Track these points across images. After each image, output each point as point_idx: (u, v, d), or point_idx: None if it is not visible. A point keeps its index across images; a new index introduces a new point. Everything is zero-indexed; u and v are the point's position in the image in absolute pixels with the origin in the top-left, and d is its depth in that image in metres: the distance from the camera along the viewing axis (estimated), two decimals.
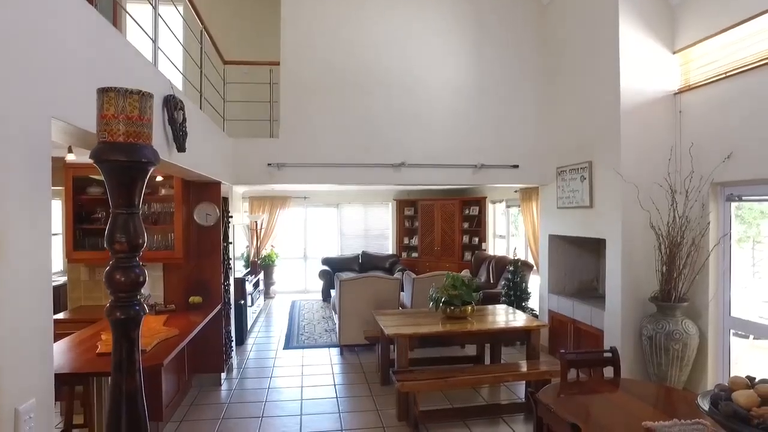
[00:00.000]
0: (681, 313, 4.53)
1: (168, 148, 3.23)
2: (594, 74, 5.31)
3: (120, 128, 1.46)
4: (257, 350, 6.75)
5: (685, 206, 4.57)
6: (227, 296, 5.65)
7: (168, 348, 3.61)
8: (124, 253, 1.55)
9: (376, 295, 6.23)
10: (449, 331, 4.51)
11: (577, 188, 5.54)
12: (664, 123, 4.89)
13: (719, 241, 4.47)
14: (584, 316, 5.53)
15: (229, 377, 5.61)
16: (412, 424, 4.18)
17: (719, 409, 2.00)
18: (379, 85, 6.05)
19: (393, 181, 6.05)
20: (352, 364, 6.12)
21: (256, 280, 8.59)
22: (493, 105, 6.21)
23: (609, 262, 5.06)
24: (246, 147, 5.85)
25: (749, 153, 4.07)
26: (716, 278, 4.54)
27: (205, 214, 5.22)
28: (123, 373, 1.58)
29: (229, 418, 4.53)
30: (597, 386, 3.16)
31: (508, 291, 6.66)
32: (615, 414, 2.82)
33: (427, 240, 10.65)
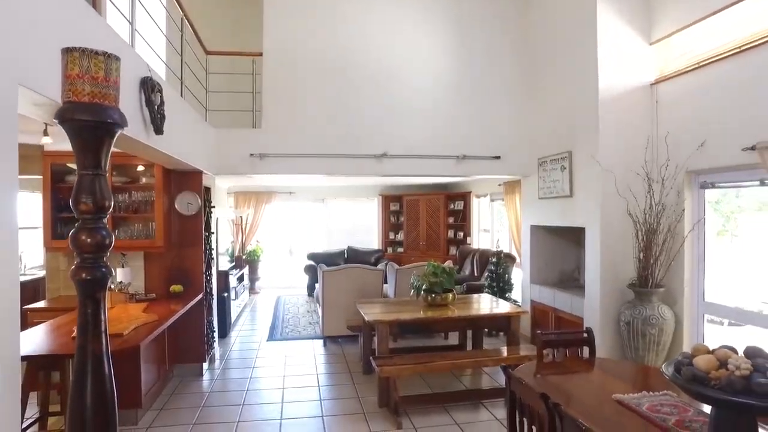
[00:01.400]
0: (657, 299, 4.61)
1: (145, 130, 3.23)
2: (573, 66, 5.38)
3: (85, 89, 1.47)
4: (240, 342, 6.74)
5: (662, 194, 4.65)
6: (209, 286, 5.63)
7: (146, 332, 3.60)
8: (90, 214, 1.55)
9: (360, 286, 6.24)
10: (430, 318, 4.55)
11: (557, 178, 5.60)
12: (641, 113, 4.97)
13: (693, 227, 4.55)
14: (565, 304, 5.60)
15: (211, 368, 5.59)
16: (393, 410, 4.20)
17: (681, 373, 2.05)
18: (361, 76, 6.07)
19: (375, 171, 6.08)
20: (335, 354, 6.13)
21: (240, 275, 8.56)
22: (475, 97, 6.26)
23: (588, 250, 5.13)
24: (228, 137, 5.84)
25: (721, 141, 4.15)
26: (691, 264, 4.63)
27: (186, 203, 5.21)
28: (88, 335, 1.58)
29: (210, 406, 4.52)
30: (573, 365, 3.21)
31: (491, 282, 6.72)
32: (588, 389, 2.88)
33: (413, 235, 10.69)
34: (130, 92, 2.95)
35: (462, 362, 4.34)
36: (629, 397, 2.54)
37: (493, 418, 4.21)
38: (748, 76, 3.93)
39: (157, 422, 4.16)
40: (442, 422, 4.14)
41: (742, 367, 1.91)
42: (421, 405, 4.40)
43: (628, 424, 2.27)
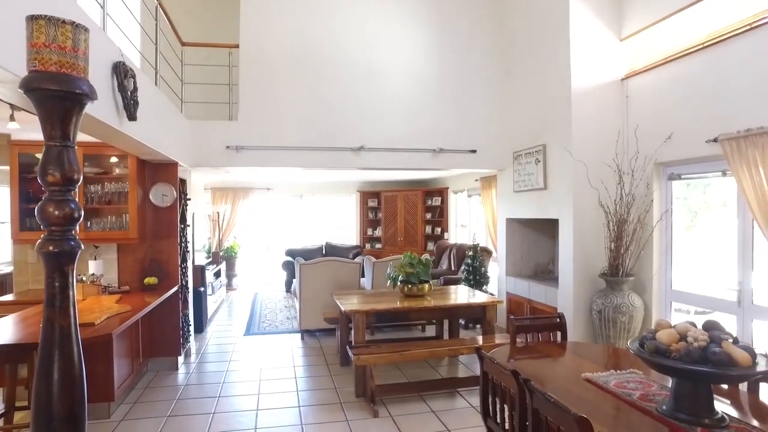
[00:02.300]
0: (628, 288, 4.73)
1: (118, 116, 3.19)
2: (548, 61, 5.48)
3: (52, 58, 1.45)
4: (217, 337, 6.68)
5: (632, 185, 4.77)
6: (185, 279, 5.57)
7: (119, 322, 3.55)
8: (58, 185, 1.53)
9: (337, 280, 6.25)
10: (406, 308, 4.58)
11: (532, 171, 5.70)
12: (612, 107, 5.09)
13: (661, 217, 4.69)
14: (539, 295, 5.70)
15: (186, 362, 5.53)
16: (369, 399, 4.23)
17: (645, 347, 2.12)
18: (338, 69, 6.08)
19: (353, 164, 6.09)
20: (313, 347, 6.12)
21: (217, 270, 8.47)
22: (452, 91, 6.33)
23: (562, 241, 5.24)
24: (204, 129, 5.79)
25: (686, 134, 4.29)
26: (659, 254, 4.76)
27: (161, 195, 5.15)
28: (56, 308, 1.56)
29: (185, 399, 4.48)
30: (545, 349, 3.27)
31: (467, 276, 6.79)
32: (560, 370, 2.94)
33: (391, 231, 10.73)
34: (102, 76, 2.92)
35: (438, 350, 4.39)
36: (597, 375, 2.62)
37: (468, 405, 4.27)
38: (711, 71, 4.07)
39: (130, 415, 4.10)
40: (419, 410, 4.18)
41: (699, 339, 1.99)
42: (397, 394, 4.43)
43: (594, 399, 2.33)
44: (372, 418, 4.02)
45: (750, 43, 3.76)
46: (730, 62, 3.92)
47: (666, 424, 2.03)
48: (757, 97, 3.68)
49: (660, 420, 2.07)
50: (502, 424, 2.52)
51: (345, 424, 3.93)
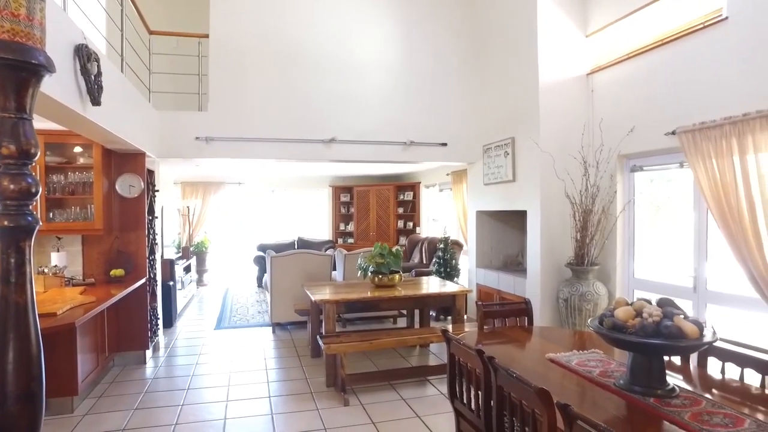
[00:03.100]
0: (593, 276, 4.86)
1: (81, 100, 3.12)
2: (516, 56, 5.59)
3: (4, 25, 1.41)
4: (186, 331, 6.58)
5: (596, 176, 4.91)
6: (153, 272, 5.48)
7: (83, 313, 3.47)
8: (13, 158, 1.49)
9: (308, 272, 6.23)
10: (377, 297, 4.61)
11: (501, 164, 5.80)
12: (578, 101, 5.22)
13: (624, 207, 4.83)
14: (508, 286, 5.81)
15: (155, 356, 5.45)
16: (340, 388, 4.24)
17: (603, 324, 2.20)
18: (310, 61, 6.06)
19: (324, 156, 6.08)
20: (284, 340, 6.10)
21: (187, 265, 8.35)
22: (423, 85, 6.38)
23: (530, 231, 5.35)
24: (173, 119, 5.69)
25: (647, 127, 4.44)
26: (622, 243, 4.92)
27: (128, 186, 5.05)
28: (11, 285, 1.51)
29: (153, 392, 4.41)
30: (512, 333, 3.34)
31: (438, 268, 6.86)
32: (526, 352, 3.01)
33: (363, 225, 10.75)
34: (64, 58, 2.85)
35: (407, 338, 4.43)
36: (560, 356, 2.70)
37: (438, 392, 4.32)
38: (669, 67, 4.23)
39: (95, 409, 4.02)
40: (389, 398, 4.22)
41: (653, 314, 2.08)
42: (368, 382, 4.46)
43: (557, 378, 2.40)
44: (342, 407, 4.03)
45: (704, 41, 3.92)
46: (686, 59, 4.07)
47: (623, 397, 2.11)
48: (711, 92, 3.84)
49: (617, 393, 2.15)
50: (468, 404, 2.57)
51: (315, 413, 3.94)
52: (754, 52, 3.54)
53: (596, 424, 1.55)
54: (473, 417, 2.51)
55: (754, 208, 3.50)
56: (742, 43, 3.62)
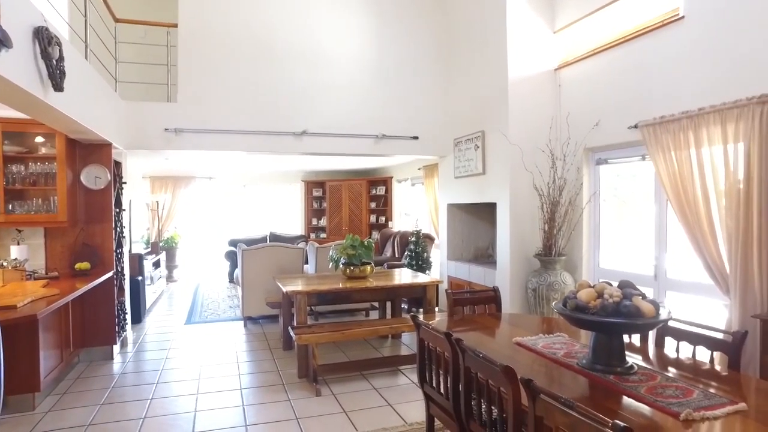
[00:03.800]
0: (560, 267, 4.99)
1: (42, 85, 3.03)
2: (486, 51, 5.67)
3: None
4: (156, 327, 6.47)
5: (563, 169, 5.03)
6: (121, 265, 5.36)
7: (46, 305, 3.39)
8: None
9: (280, 265, 6.20)
10: (348, 288, 4.62)
11: (471, 157, 5.88)
12: (546, 95, 5.34)
13: (590, 199, 4.98)
14: (479, 277, 5.90)
15: (123, 351, 5.35)
16: (312, 379, 4.25)
17: (567, 305, 2.28)
18: (281, 53, 6.01)
19: (296, 149, 6.05)
20: (256, 333, 6.07)
21: (156, 260, 8.19)
22: (395, 78, 6.41)
23: (499, 223, 5.44)
24: (141, 110, 5.57)
25: (611, 121, 4.58)
26: (588, 234, 5.06)
27: (94, 177, 4.93)
28: None
29: (121, 387, 4.33)
30: (481, 320, 3.41)
31: (410, 261, 6.92)
32: (494, 336, 3.08)
33: (335, 220, 10.75)
34: (22, 40, 2.76)
35: (379, 328, 4.47)
36: (527, 339, 2.78)
37: (410, 382, 4.37)
38: (632, 62, 4.38)
39: (58, 406, 3.91)
40: (361, 388, 4.25)
41: (614, 295, 2.17)
42: (339, 373, 4.48)
43: (523, 359, 2.47)
44: (314, 397, 4.05)
45: (663, 39, 4.08)
46: (647, 55, 4.22)
47: (585, 375, 2.19)
48: (670, 87, 3.99)
49: (580, 372, 2.23)
50: (437, 388, 2.62)
51: (287, 403, 3.94)
52: (708, 50, 3.70)
53: (557, 397, 1.62)
54: (442, 400, 2.56)
55: (709, 199, 3.65)
56: (698, 42, 3.78)
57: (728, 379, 2.14)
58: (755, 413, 1.79)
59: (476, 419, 2.26)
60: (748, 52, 3.43)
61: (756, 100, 3.30)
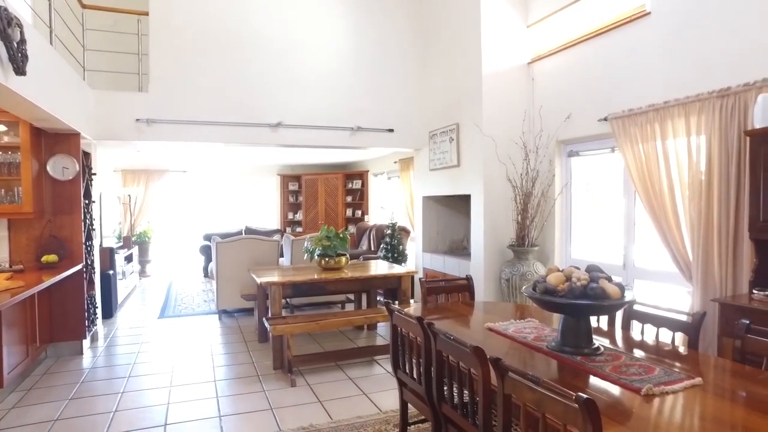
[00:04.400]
0: (533, 257, 5.08)
1: (2, 67, 2.94)
2: (461, 45, 5.71)
3: None
4: (128, 321, 6.35)
5: (536, 161, 5.12)
6: (91, 258, 5.25)
7: (9, 297, 3.29)
8: None
9: (255, 258, 6.15)
10: (323, 279, 4.62)
11: (446, 150, 5.93)
12: (519, 89, 5.41)
13: (562, 190, 5.07)
14: (453, 269, 5.96)
15: (93, 346, 5.24)
16: (287, 370, 4.24)
17: (536, 289, 2.33)
18: (256, 43, 5.95)
19: (270, 141, 6.01)
20: (231, 326, 6.01)
21: (128, 254, 8.04)
22: (370, 71, 6.41)
23: (474, 215, 5.51)
24: (111, 100, 5.44)
25: (582, 114, 4.68)
26: (560, 225, 5.16)
27: (61, 168, 4.80)
28: None
29: (91, 381, 4.25)
30: (455, 307, 3.45)
31: (386, 254, 6.95)
32: (467, 323, 3.12)
33: (311, 214, 10.71)
34: None
35: (354, 318, 4.48)
36: (498, 324, 2.83)
37: (385, 371, 4.40)
38: (601, 57, 4.48)
39: (23, 402, 3.80)
40: (336, 378, 4.26)
41: (581, 278, 2.22)
42: (315, 363, 4.48)
43: (494, 343, 2.52)
44: (289, 387, 4.04)
45: (630, 34, 4.19)
46: (616, 50, 4.33)
47: (554, 357, 2.25)
48: (638, 81, 4.10)
49: (549, 354, 2.28)
50: (410, 373, 2.65)
51: (262, 394, 3.92)
52: (673, 45, 3.81)
53: (525, 374, 1.66)
54: (415, 385, 2.59)
55: (674, 190, 3.77)
56: (663, 37, 3.89)
57: (687, 358, 2.22)
58: (710, 387, 1.87)
59: (448, 402, 2.30)
60: (710, 47, 3.55)
61: (716, 94, 3.42)
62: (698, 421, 1.67)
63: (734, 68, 3.37)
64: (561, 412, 1.50)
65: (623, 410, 1.71)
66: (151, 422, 3.46)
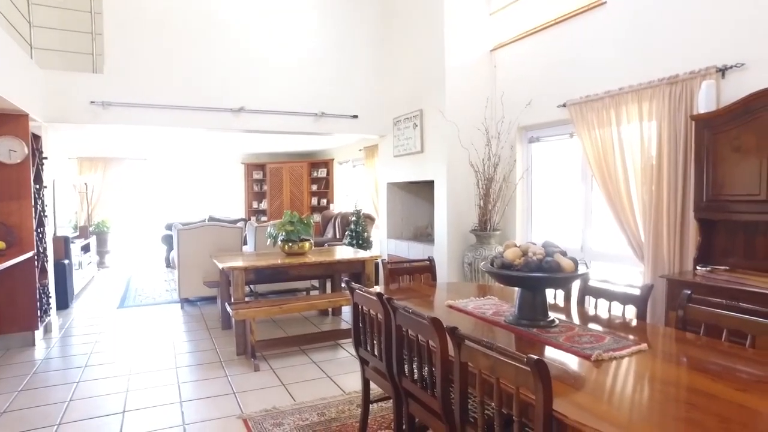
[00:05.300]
0: (495, 241, 5.18)
1: None
2: (424, 32, 5.73)
3: None
4: (86, 311, 6.16)
5: (498, 147, 5.21)
6: (43, 246, 5.05)
7: None
8: None
9: (218, 246, 6.05)
10: (287, 264, 4.59)
11: (410, 136, 5.96)
12: (482, 76, 5.47)
13: (522, 175, 5.18)
14: (418, 254, 6.02)
15: (47, 337, 5.06)
16: (251, 355, 4.21)
17: (494, 264, 2.38)
18: (217, 26, 5.80)
19: (233, 126, 5.89)
20: (193, 315, 5.91)
21: (85, 244, 7.77)
22: (335, 57, 6.35)
23: (437, 200, 5.57)
24: (63, 80, 5.22)
25: (543, 100, 4.78)
26: (522, 209, 5.28)
27: (8, 150, 4.59)
28: None
29: (44, 372, 4.10)
30: (417, 288, 3.49)
31: (351, 241, 6.96)
32: (429, 302, 3.16)
33: (276, 203, 10.59)
34: None
35: (317, 302, 4.48)
36: (458, 302, 2.88)
37: (349, 355, 4.42)
38: (560, 44, 4.58)
39: None
40: (300, 362, 4.25)
41: (537, 253, 2.28)
42: (279, 348, 4.45)
43: (454, 319, 2.56)
44: (253, 372, 4.01)
45: (588, 22, 4.30)
46: (574, 38, 4.44)
47: (511, 330, 2.31)
48: (595, 68, 4.22)
49: (506, 327, 2.34)
50: (372, 350, 2.67)
51: (225, 379, 3.88)
52: (627, 34, 3.94)
53: (479, 340, 1.70)
54: (376, 361, 2.61)
55: (627, 173, 3.91)
56: (618, 26, 4.02)
57: (636, 328, 2.32)
58: (654, 352, 1.97)
59: (408, 376, 2.33)
60: (661, 36, 3.69)
61: (666, 81, 3.56)
62: (644, 382, 1.75)
63: (682, 57, 3.51)
64: (513, 375, 1.55)
65: (576, 376, 1.78)
66: (109, 410, 3.38)
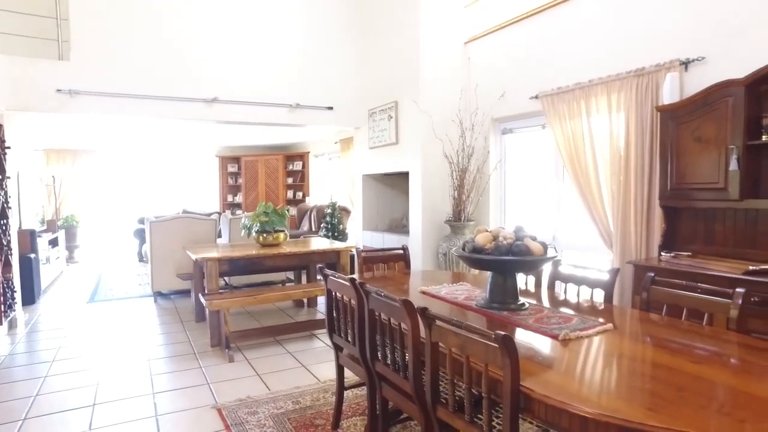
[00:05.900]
0: (469, 231, 5.23)
1: None
2: (399, 23, 5.74)
3: None
4: (54, 306, 6.00)
5: (472, 138, 5.26)
6: (7, 238, 4.90)
7: None
8: None
9: (191, 238, 5.96)
10: (261, 255, 4.56)
11: (385, 127, 5.97)
12: (456, 67, 5.51)
13: (496, 166, 5.25)
14: (392, 245, 6.01)
15: (12, 332, 4.92)
16: (225, 346, 4.18)
17: (465, 249, 2.41)
18: (189, 14, 5.70)
19: (206, 117, 5.81)
20: (167, 308, 5.83)
21: (53, 238, 7.57)
22: (309, 47, 6.30)
23: (412, 191, 5.60)
24: (26, 67, 5.05)
25: (516, 92, 4.85)
26: (495, 200, 5.35)
27: None
28: None
29: (9, 368, 3.99)
30: (392, 276, 3.51)
31: (326, 233, 6.95)
32: (403, 290, 3.19)
33: (252, 196, 10.49)
34: None
35: (292, 292, 4.47)
36: (431, 288, 2.91)
37: (324, 345, 4.42)
38: (533, 37, 4.66)
39: None
40: (275, 353, 4.24)
41: (507, 237, 2.33)
42: (253, 339, 4.43)
43: (427, 304, 2.58)
44: (227, 363, 3.99)
45: (560, 15, 4.38)
46: (546, 30, 4.51)
47: (482, 314, 2.35)
48: (566, 60, 4.30)
49: (478, 311, 2.39)
50: (345, 336, 2.69)
51: (199, 370, 3.85)
52: (597, 27, 4.03)
53: (449, 320, 1.73)
54: (349, 347, 2.63)
55: (597, 164, 4.00)
56: (588, 18, 4.10)
57: (602, 310, 2.39)
58: (620, 331, 2.04)
59: (381, 360, 2.35)
60: (629, 29, 3.78)
61: (633, 73, 3.65)
62: (609, 358, 1.81)
63: (649, 49, 3.61)
64: (482, 352, 1.59)
65: (545, 355, 1.82)
66: (78, 403, 3.31)
